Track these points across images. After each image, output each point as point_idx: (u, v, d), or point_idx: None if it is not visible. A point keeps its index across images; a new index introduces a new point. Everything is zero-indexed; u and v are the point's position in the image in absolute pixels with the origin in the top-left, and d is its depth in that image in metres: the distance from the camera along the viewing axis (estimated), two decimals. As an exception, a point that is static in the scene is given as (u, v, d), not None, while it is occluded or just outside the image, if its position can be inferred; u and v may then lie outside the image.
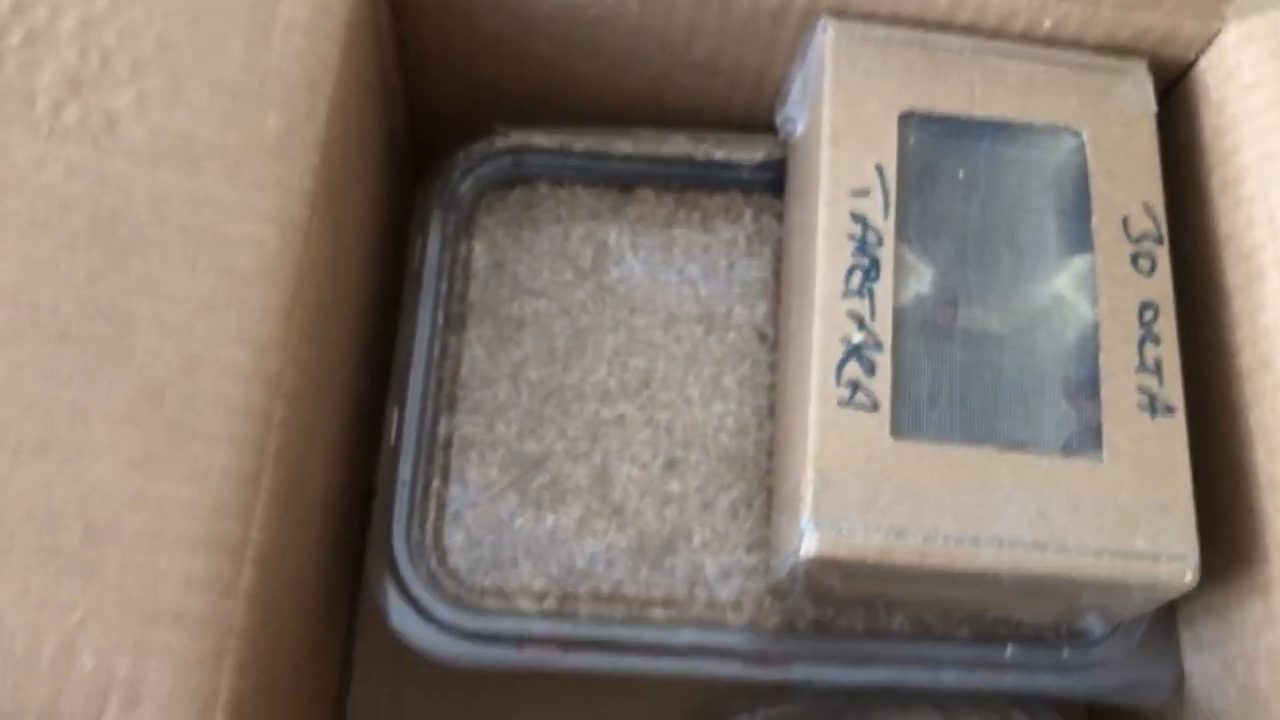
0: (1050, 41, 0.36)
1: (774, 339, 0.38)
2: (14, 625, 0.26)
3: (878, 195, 0.33)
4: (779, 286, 0.39)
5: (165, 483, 0.28)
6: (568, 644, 0.35)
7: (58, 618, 0.26)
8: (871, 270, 0.32)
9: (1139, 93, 0.36)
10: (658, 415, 0.38)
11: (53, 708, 0.26)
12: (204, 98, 0.31)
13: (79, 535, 0.27)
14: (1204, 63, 0.37)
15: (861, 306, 0.32)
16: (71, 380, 0.28)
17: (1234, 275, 0.35)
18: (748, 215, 0.41)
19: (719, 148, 0.40)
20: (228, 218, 0.31)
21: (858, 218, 0.33)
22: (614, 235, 0.40)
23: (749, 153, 0.40)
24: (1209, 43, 0.37)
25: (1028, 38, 0.36)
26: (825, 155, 0.33)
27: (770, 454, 0.37)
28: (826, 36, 0.35)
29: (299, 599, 0.33)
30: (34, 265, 0.29)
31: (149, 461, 0.28)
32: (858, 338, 0.31)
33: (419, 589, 0.35)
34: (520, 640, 0.35)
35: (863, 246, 0.32)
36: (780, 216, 0.40)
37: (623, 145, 0.40)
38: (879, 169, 0.33)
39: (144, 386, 0.29)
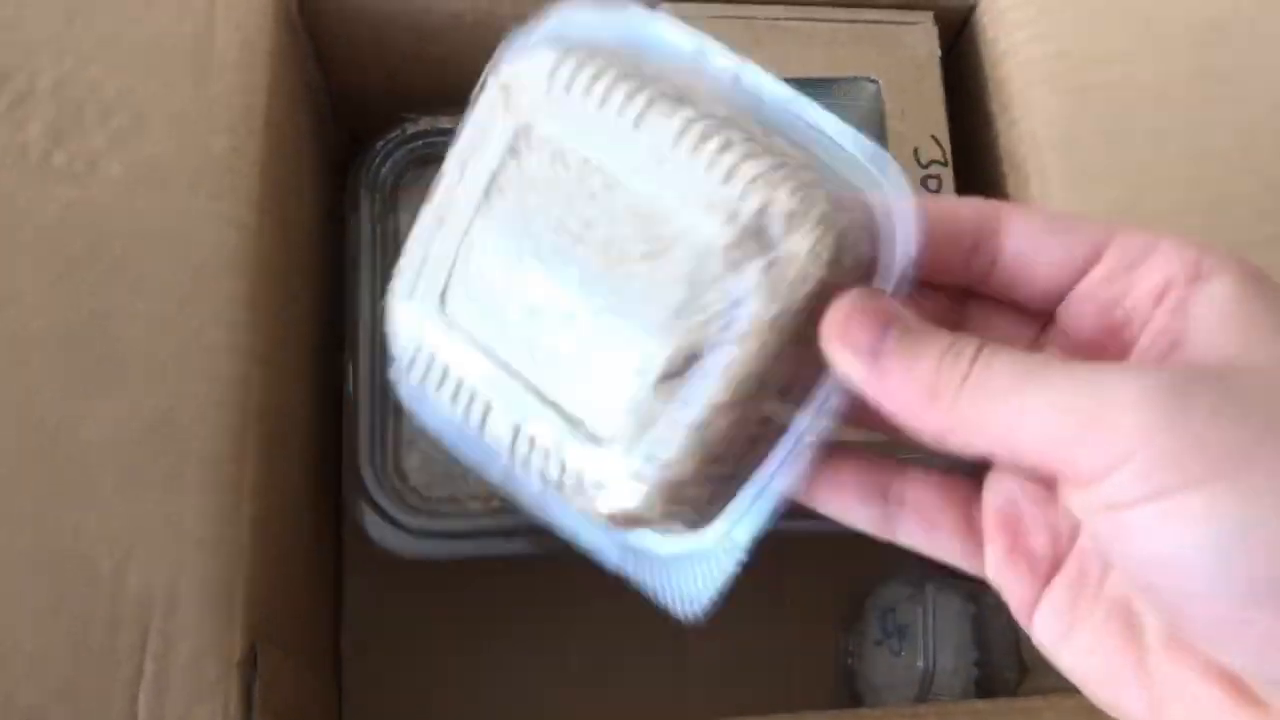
0: (851, 3, 0.44)
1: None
2: (76, 557, 0.35)
3: (714, 152, 0.41)
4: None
5: (175, 439, 0.36)
6: (511, 533, 0.44)
7: (107, 549, 0.35)
8: (713, 214, 0.40)
9: (926, 41, 0.44)
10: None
11: (114, 616, 0.34)
12: (163, 130, 0.39)
13: (113, 485, 0.35)
14: (981, 7, 0.45)
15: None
16: (97, 367, 0.36)
17: (1010, 184, 0.43)
18: (627, 168, 0.49)
19: (597, 114, 0.48)
20: (194, 225, 0.38)
21: (699, 172, 0.41)
22: (516, 198, 0.48)
23: (622, 116, 0.48)
24: (984, -9, 0.45)
25: (832, 2, 0.44)
26: (670, 122, 0.41)
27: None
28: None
29: (291, 520, 0.41)
30: (45, 287, 0.36)
31: (162, 425, 0.36)
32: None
33: (387, 504, 0.44)
34: (472, 534, 0.44)
35: (704, 195, 0.40)
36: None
37: (516, 120, 0.48)
38: (713, 130, 0.41)
39: (147, 368, 0.37)
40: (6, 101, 0.38)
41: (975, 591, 0.47)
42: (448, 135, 0.48)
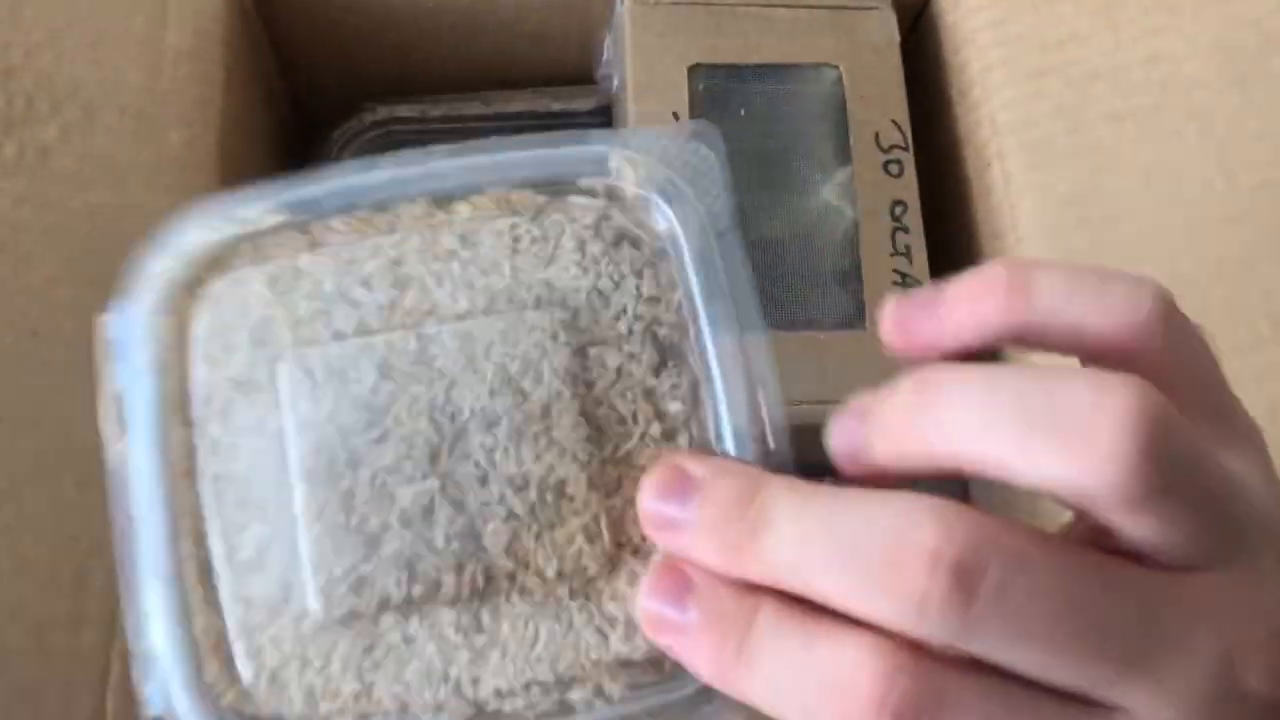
0: (812, -11, 0.44)
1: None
2: (35, 557, 0.34)
3: (675, 138, 0.41)
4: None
5: (135, 437, 0.36)
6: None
7: (69, 548, 0.34)
8: (675, 200, 0.40)
9: (885, 27, 0.44)
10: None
11: (78, 615, 0.34)
12: (116, 123, 0.38)
13: (73, 482, 0.35)
14: (940, -8, 0.45)
15: (669, 231, 0.40)
16: (47, 366, 0.36)
17: (971, 167, 0.44)
18: (589, 155, 0.48)
19: (557, 100, 0.48)
20: (152, 222, 0.38)
21: (661, 159, 0.41)
22: (477, 186, 0.48)
23: (583, 102, 0.48)
24: (942, -25, 0.45)
25: (793, -12, 0.44)
26: (631, 108, 0.41)
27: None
28: (625, 7, 0.43)
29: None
30: (2, 278, 0.36)
31: (120, 422, 0.36)
32: (668, 256, 0.40)
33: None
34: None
35: (667, 182, 0.40)
36: (615, 154, 0.48)
37: (475, 107, 0.48)
38: (675, 115, 0.41)
39: (106, 365, 0.36)
40: (-46, 94, 0.37)
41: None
42: (407, 124, 0.48)
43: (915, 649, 0.18)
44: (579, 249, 0.23)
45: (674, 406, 0.23)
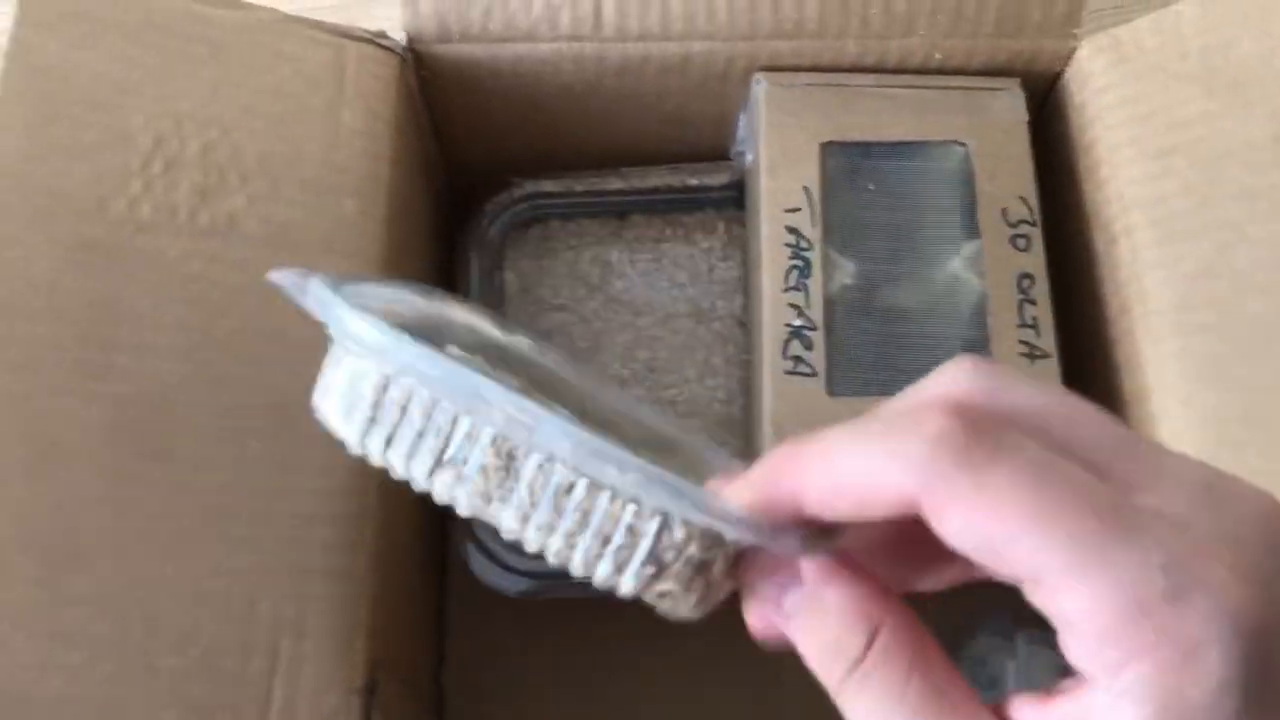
0: (941, 70, 0.46)
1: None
2: (211, 588, 0.37)
3: (806, 210, 0.43)
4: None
5: (301, 478, 0.39)
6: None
7: (240, 580, 0.37)
8: (805, 269, 0.42)
9: (1014, 106, 0.45)
10: (664, 394, 0.48)
11: (247, 643, 0.37)
12: (296, 193, 0.42)
13: (245, 521, 0.38)
14: (1068, 74, 0.47)
15: (799, 298, 0.42)
16: (231, 410, 0.39)
17: (1099, 242, 0.45)
18: (721, 227, 0.51)
19: (692, 176, 0.51)
20: (323, 281, 0.41)
21: (792, 229, 0.43)
22: (615, 255, 0.51)
23: (716, 178, 0.50)
24: (1069, 58, 0.46)
25: (922, 70, 0.46)
26: (764, 182, 0.44)
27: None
28: (760, 88, 0.45)
29: (406, 554, 0.44)
30: (194, 330, 0.39)
31: (286, 464, 0.39)
32: (797, 322, 0.41)
33: (490, 543, 0.46)
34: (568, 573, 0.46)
35: (797, 251, 0.42)
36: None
37: (615, 182, 0.51)
38: (806, 189, 0.43)
39: (281, 410, 0.39)
40: (161, 165, 0.41)
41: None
42: (552, 198, 0.51)
43: None
44: None
45: None
